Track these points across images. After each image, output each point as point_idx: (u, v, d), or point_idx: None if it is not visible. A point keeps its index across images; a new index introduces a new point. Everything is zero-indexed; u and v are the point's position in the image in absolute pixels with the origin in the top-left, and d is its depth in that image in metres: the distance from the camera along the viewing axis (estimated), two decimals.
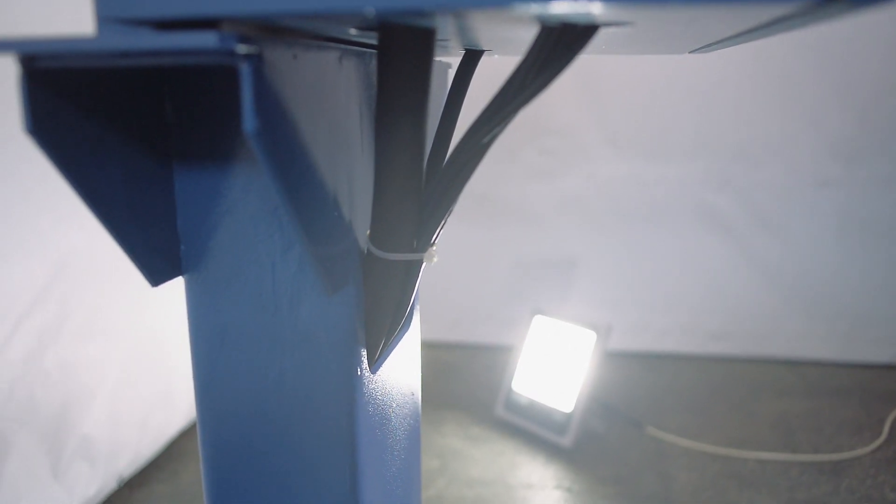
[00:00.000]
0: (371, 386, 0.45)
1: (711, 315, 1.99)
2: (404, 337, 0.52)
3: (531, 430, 1.52)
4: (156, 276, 0.43)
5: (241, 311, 0.42)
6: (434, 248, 0.48)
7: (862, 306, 1.93)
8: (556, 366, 1.53)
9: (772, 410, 1.65)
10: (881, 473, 1.36)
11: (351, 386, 0.42)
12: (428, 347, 2.11)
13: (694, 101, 1.87)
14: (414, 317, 0.54)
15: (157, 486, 1.37)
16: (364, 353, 0.44)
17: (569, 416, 1.46)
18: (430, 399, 1.73)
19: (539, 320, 1.59)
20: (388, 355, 0.47)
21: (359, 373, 0.42)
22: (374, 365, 0.46)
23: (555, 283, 2.01)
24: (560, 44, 0.41)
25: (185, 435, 1.56)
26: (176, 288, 0.53)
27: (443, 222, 0.49)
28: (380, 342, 0.46)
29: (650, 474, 1.37)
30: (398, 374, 0.51)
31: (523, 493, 1.31)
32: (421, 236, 0.48)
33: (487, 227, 2.03)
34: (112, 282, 1.29)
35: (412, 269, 0.49)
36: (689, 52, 0.69)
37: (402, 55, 0.43)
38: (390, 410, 0.49)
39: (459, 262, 2.05)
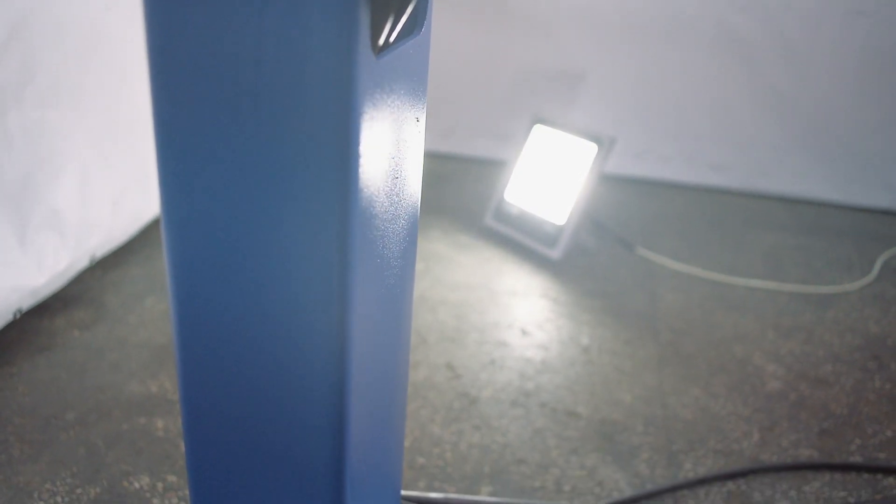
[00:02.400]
0: (374, 76, 0.36)
1: (715, 144, 1.91)
2: (415, 46, 0.43)
3: (520, 241, 1.48)
4: None
5: None
6: None
7: (868, 149, 1.86)
8: (552, 177, 1.46)
9: (764, 243, 1.62)
10: (867, 308, 1.35)
11: (349, 65, 0.34)
12: None
13: None
14: (428, 16, 0.44)
15: (132, 268, 1.33)
16: (367, 26, 0.35)
17: (560, 229, 1.41)
18: None
19: (539, 129, 1.51)
20: (395, 49, 0.38)
21: (359, 49, 0.34)
22: (380, 52, 0.37)
23: (557, 98, 1.91)
24: None
25: None
26: None
27: None
28: (388, 16, 0.36)
29: (637, 292, 1.35)
30: (403, 90, 0.41)
31: (507, 300, 1.29)
32: None
33: (491, 33, 1.89)
34: (81, 47, 1.17)
35: None
36: None
37: None
38: (392, 132, 0.40)
39: (459, 68, 1.93)
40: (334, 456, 0.39)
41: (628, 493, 0.85)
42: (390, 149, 0.39)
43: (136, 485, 0.83)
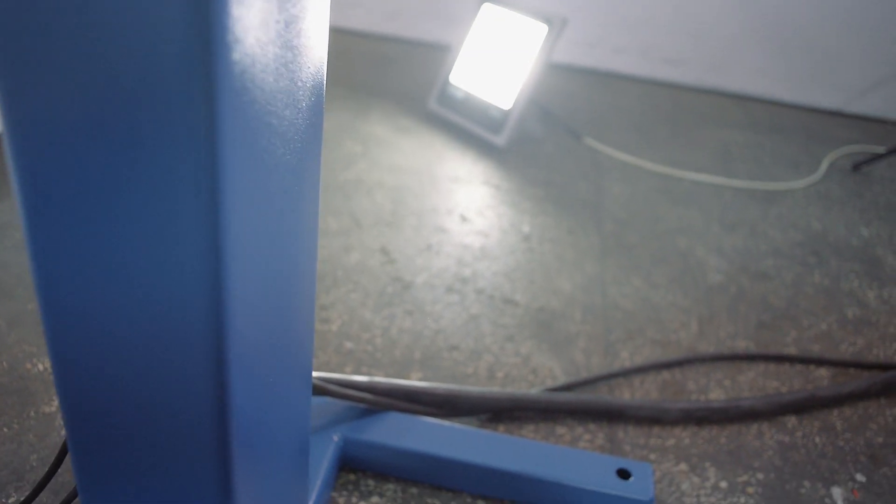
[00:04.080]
0: None
1: (671, 37, 1.84)
2: None
3: (464, 127, 1.41)
4: None
5: None
6: None
7: (828, 49, 1.81)
8: (499, 59, 1.38)
9: (714, 139, 1.59)
10: (811, 206, 1.33)
11: None
12: (361, 38, 1.92)
13: None
14: None
15: None
16: None
17: (506, 114, 1.34)
18: (358, 87, 1.58)
19: (487, 8, 1.41)
20: None
21: None
22: None
23: None
24: None
25: None
26: None
27: None
28: None
29: (583, 182, 1.30)
30: None
31: (448, 186, 1.23)
32: None
33: None
34: None
35: None
36: None
37: None
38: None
39: None
40: (213, 335, 0.32)
41: (563, 380, 0.82)
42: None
43: (40, 367, 0.77)
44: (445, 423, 0.70)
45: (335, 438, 0.66)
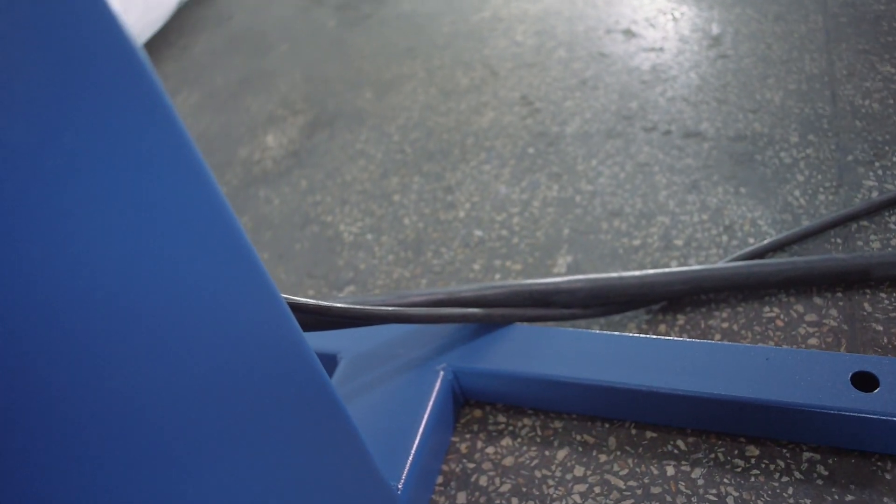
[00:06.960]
0: None
1: None
2: None
3: None
4: None
5: None
6: None
7: None
8: None
9: None
10: None
11: None
12: None
13: None
14: None
15: (167, 62, 1.16)
16: None
17: None
18: None
19: None
20: None
21: None
22: None
23: None
24: None
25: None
26: None
27: None
28: None
29: None
30: None
31: None
32: None
33: None
34: None
35: None
36: None
37: None
38: None
39: None
40: None
41: (772, 236, 0.58)
42: None
43: None
44: (595, 330, 0.51)
45: (441, 371, 0.50)
